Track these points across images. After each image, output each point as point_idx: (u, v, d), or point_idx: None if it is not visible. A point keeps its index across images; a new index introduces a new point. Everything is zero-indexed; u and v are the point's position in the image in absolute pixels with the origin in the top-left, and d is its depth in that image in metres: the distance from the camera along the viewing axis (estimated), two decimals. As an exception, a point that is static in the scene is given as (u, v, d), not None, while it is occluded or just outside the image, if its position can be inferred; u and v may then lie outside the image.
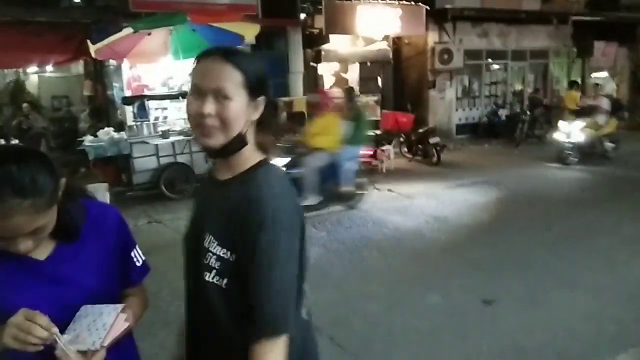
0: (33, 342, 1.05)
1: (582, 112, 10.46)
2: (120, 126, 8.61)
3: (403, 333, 3.65)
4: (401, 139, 11.06)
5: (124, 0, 9.34)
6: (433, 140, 10.28)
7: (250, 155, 1.25)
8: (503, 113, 13.93)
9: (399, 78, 13.56)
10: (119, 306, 1.21)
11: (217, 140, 1.18)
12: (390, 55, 13.21)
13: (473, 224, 6.29)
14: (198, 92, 1.17)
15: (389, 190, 8.21)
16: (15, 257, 1.13)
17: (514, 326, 3.69)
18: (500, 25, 14.02)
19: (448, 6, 12.58)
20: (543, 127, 13.02)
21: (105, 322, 1.16)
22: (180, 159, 7.83)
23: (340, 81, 13.10)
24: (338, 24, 11.53)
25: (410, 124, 10.79)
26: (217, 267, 1.19)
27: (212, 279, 1.19)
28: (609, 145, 10.29)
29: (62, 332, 1.12)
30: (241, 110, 1.18)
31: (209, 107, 1.16)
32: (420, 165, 10.42)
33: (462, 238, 5.76)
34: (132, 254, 1.34)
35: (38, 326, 1.06)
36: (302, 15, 11.53)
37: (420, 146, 10.58)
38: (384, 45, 12.94)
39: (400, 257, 5.18)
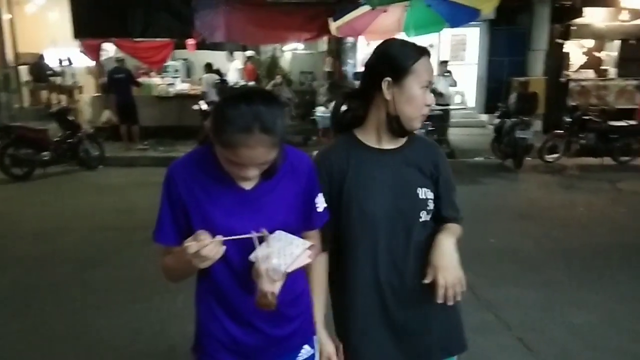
0: (202, 254, 1.17)
1: None
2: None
3: (611, 353, 3.07)
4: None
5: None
6: None
7: None
8: None
9: (674, 59, 11.11)
10: (308, 243, 1.32)
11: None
12: (665, 31, 10.87)
13: None
14: (428, 85, 1.47)
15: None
16: (230, 185, 1.33)
17: None
18: None
19: None
20: None
21: (294, 252, 1.27)
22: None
23: (592, 61, 11.41)
24: (598, -7, 9.98)
25: (680, 116, 8.77)
26: (432, 208, 1.54)
27: (426, 217, 1.53)
28: None
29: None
30: None
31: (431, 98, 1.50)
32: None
33: None
34: (316, 200, 1.44)
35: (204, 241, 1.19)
36: (553, -14, 10.32)
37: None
38: (657, 19, 10.72)
39: (632, 270, 4.33)
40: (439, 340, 1.59)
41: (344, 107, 1.60)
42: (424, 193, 1.52)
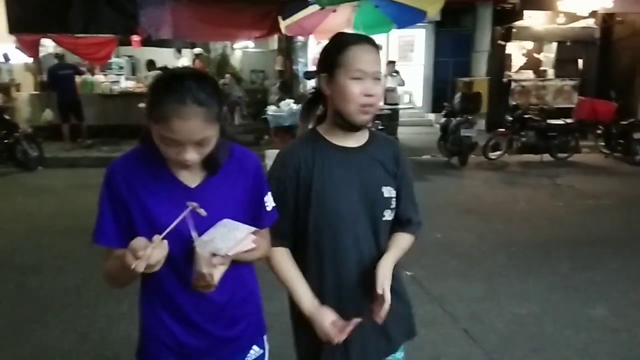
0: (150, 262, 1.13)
1: None
2: (302, 99, 9.16)
3: (550, 341, 3.23)
4: (598, 131, 9.69)
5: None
6: (638, 135, 8.75)
7: None
8: None
9: (605, 61, 11.79)
10: (252, 229, 1.32)
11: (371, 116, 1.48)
12: (597, 35, 11.52)
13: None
14: (363, 75, 1.40)
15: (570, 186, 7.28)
16: (173, 182, 1.31)
17: None
18: None
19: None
20: None
21: (237, 236, 1.27)
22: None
23: (532, 62, 11.93)
24: (536, -2, 10.44)
25: (611, 115, 9.32)
26: (395, 206, 1.55)
27: (390, 216, 1.54)
28: None
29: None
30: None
31: (374, 89, 1.43)
32: (617, 164, 9.00)
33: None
34: (265, 199, 1.43)
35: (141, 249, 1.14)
36: (495, -10, 10.73)
37: (621, 141, 9.12)
38: (589, 23, 11.33)
39: (569, 261, 4.57)
40: (399, 327, 1.63)
41: (315, 112, 1.59)
42: (389, 192, 1.53)
